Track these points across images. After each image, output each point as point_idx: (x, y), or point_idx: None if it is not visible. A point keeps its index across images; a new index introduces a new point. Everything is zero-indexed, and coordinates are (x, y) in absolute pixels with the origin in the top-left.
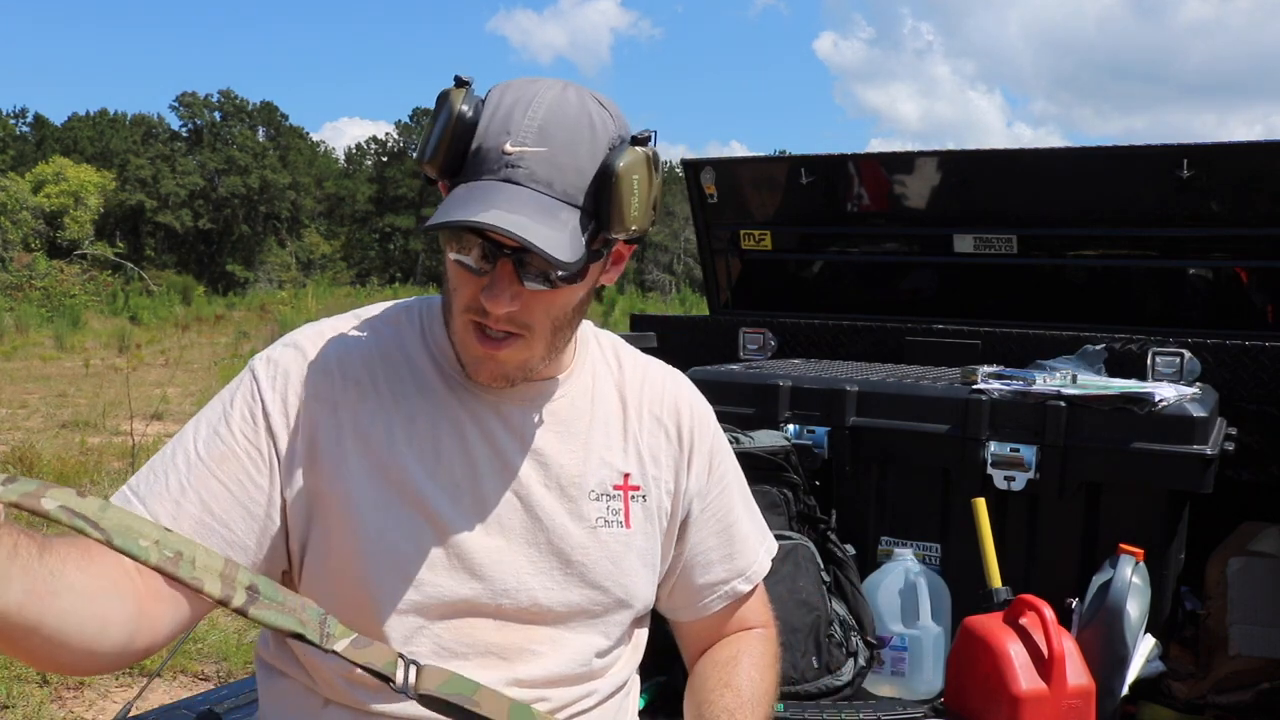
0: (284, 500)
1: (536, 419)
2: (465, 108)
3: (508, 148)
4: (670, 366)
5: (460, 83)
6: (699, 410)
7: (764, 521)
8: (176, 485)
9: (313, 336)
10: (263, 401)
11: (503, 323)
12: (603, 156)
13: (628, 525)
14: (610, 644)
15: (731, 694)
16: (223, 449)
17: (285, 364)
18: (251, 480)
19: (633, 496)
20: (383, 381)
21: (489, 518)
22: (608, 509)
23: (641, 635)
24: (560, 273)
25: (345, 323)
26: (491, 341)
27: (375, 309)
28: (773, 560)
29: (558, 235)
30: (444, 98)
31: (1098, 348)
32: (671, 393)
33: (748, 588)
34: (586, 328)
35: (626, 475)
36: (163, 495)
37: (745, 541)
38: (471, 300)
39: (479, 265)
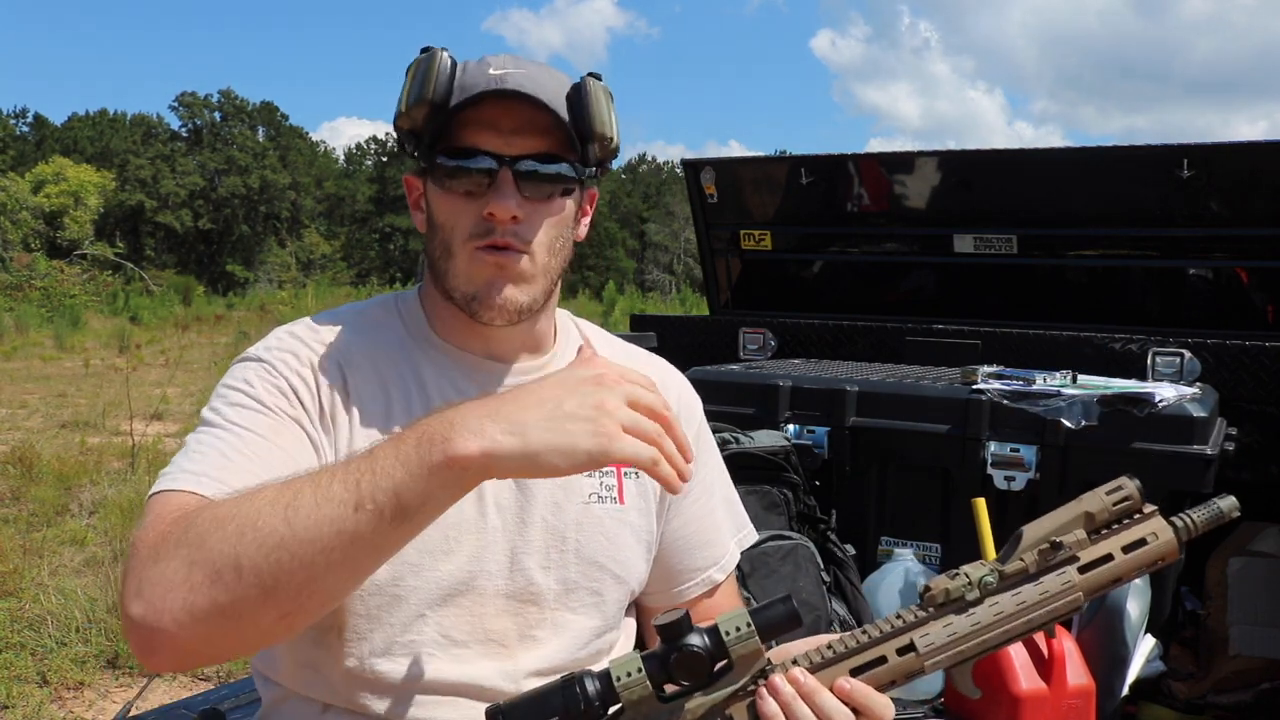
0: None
1: None
2: (448, 56)
3: (492, 71)
4: (656, 356)
5: (428, 49)
6: (685, 397)
7: (743, 512)
8: (218, 455)
9: (301, 327)
10: (285, 377)
11: (509, 235)
12: (568, 84)
13: (621, 501)
14: (608, 625)
15: None
16: (273, 422)
17: (290, 348)
18: (306, 447)
19: (625, 473)
20: (379, 365)
21: (484, 497)
22: (600, 484)
23: (631, 624)
24: (559, 167)
25: (325, 318)
26: (499, 252)
27: (348, 307)
28: (773, 560)
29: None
30: (424, 56)
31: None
32: (658, 378)
33: (721, 577)
34: (564, 316)
35: None
36: (204, 460)
37: (719, 531)
38: (473, 223)
39: (481, 182)
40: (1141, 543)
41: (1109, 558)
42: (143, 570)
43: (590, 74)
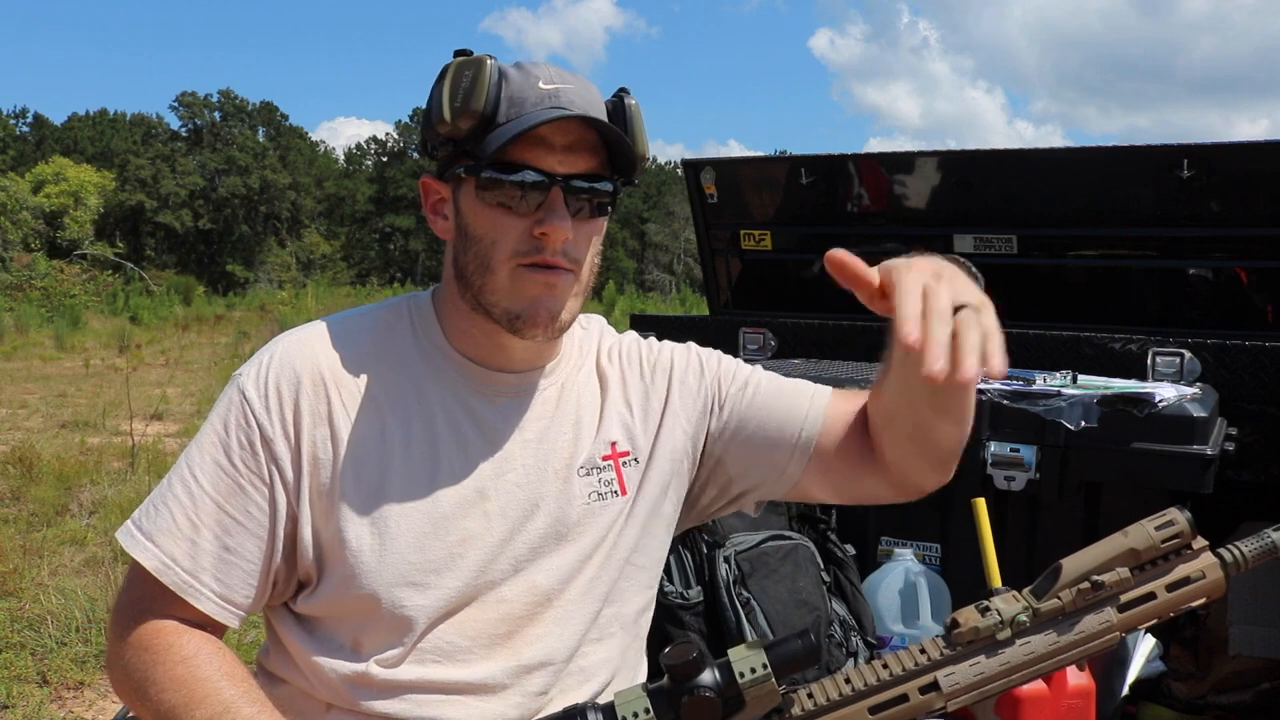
0: (293, 523)
1: (529, 408)
2: (495, 65)
3: (543, 85)
4: (664, 341)
5: (465, 52)
6: (654, 344)
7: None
8: (186, 522)
9: (299, 346)
10: (260, 427)
11: (559, 255)
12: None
13: (624, 493)
14: (616, 612)
15: None
16: (229, 483)
17: (275, 381)
18: (261, 510)
19: (623, 462)
20: (375, 384)
21: (490, 510)
22: (599, 481)
23: (645, 620)
24: (606, 186)
25: (331, 328)
26: (549, 271)
27: (360, 311)
28: (773, 560)
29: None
30: (469, 62)
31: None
32: (632, 344)
33: (815, 430)
34: None
35: (613, 444)
36: (174, 533)
37: (798, 395)
38: (519, 241)
39: (530, 199)
40: (1187, 581)
41: (1151, 596)
42: (112, 655)
43: (621, 89)
